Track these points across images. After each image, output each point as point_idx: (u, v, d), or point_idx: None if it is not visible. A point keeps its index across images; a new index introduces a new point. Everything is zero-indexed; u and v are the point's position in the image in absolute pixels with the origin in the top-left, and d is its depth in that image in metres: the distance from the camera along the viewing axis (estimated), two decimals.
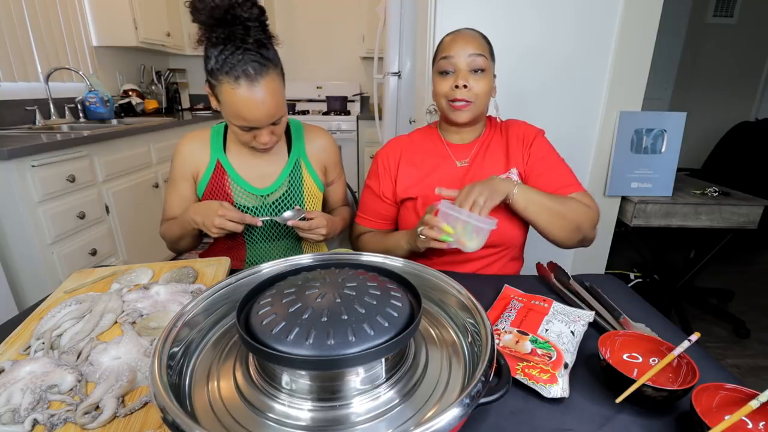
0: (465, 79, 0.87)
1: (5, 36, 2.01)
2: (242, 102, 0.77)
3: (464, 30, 0.91)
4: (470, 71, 0.88)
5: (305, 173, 1.01)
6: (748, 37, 3.09)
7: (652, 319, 0.70)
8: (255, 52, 0.76)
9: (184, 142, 0.98)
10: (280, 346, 0.40)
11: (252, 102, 0.77)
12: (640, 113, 1.45)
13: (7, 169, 1.46)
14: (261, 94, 0.77)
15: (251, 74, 0.76)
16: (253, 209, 0.98)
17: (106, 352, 0.55)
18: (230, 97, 0.77)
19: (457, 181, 0.97)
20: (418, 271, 0.60)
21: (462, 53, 0.87)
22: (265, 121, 0.81)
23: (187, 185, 0.99)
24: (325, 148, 1.05)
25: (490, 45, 0.91)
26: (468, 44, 0.87)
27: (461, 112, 0.90)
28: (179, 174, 0.98)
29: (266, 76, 0.78)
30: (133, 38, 2.64)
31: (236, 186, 0.97)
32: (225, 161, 0.97)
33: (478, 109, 0.90)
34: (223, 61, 0.75)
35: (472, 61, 0.87)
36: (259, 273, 0.59)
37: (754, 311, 2.16)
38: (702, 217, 1.52)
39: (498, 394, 0.42)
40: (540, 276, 0.86)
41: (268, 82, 0.78)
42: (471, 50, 0.87)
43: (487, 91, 0.89)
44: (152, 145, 2.30)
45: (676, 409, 0.50)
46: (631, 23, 1.34)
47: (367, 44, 3.34)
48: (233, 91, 0.76)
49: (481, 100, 0.89)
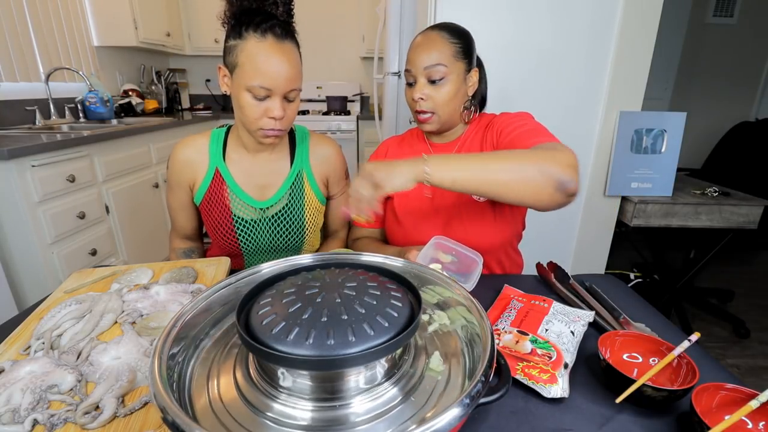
0: (421, 92, 0.86)
1: (6, 36, 2.01)
2: (267, 55, 0.77)
3: (427, 34, 0.87)
4: (428, 82, 0.86)
5: (306, 186, 0.98)
6: (748, 37, 3.09)
7: (652, 319, 0.70)
8: (283, 21, 0.81)
9: (179, 148, 0.95)
10: (280, 346, 0.40)
11: (276, 57, 0.78)
12: (640, 113, 1.45)
13: (7, 169, 1.46)
14: (285, 53, 0.79)
15: (278, 33, 0.79)
16: (251, 222, 0.95)
17: (106, 352, 0.55)
18: (255, 51, 0.77)
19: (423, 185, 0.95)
20: (418, 271, 0.60)
21: (419, 65, 0.85)
22: (284, 85, 0.80)
23: (184, 193, 0.97)
24: (329, 159, 1.01)
25: (461, 42, 0.86)
26: (424, 54, 0.85)
27: (426, 123, 0.90)
28: (175, 182, 0.96)
29: (291, 42, 0.81)
30: (133, 38, 2.64)
31: (235, 197, 0.94)
32: (224, 170, 0.94)
33: (442, 117, 0.89)
34: (252, 21, 0.78)
35: (428, 73, 0.85)
36: (259, 273, 0.59)
37: (754, 311, 2.16)
38: (702, 217, 1.52)
39: (498, 394, 0.42)
40: (540, 276, 0.86)
41: (291, 48, 0.81)
42: (426, 62, 0.84)
43: (448, 99, 0.86)
44: (152, 145, 2.30)
45: (676, 409, 0.50)
46: (631, 23, 1.34)
47: (367, 44, 3.35)
48: (259, 44, 0.77)
49: (443, 108, 0.87)
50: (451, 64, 0.85)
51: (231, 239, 0.96)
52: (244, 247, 0.98)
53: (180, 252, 1.03)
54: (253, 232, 0.96)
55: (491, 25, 1.36)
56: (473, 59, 0.90)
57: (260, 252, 0.99)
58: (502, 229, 0.93)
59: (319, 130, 3.07)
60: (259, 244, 0.98)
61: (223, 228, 0.95)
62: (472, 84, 0.90)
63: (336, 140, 1.06)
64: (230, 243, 0.97)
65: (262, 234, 0.96)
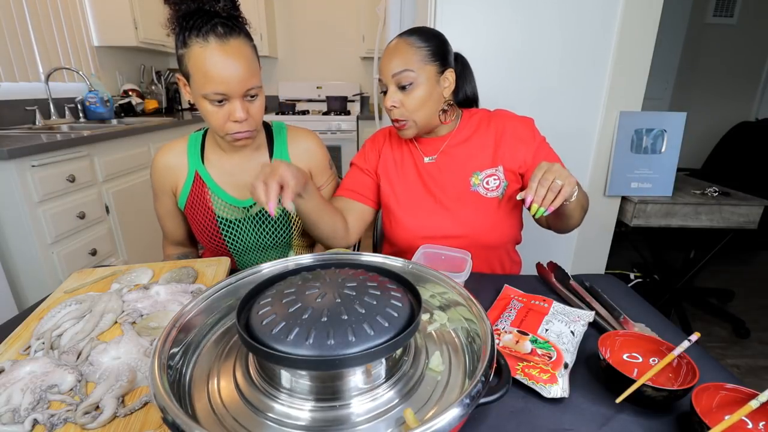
0: (392, 99, 0.86)
1: (6, 36, 2.01)
2: (212, 60, 0.74)
3: (395, 41, 0.87)
4: (398, 88, 0.85)
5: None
6: (748, 37, 3.09)
7: (652, 319, 0.70)
8: (225, 19, 0.76)
9: (158, 157, 0.94)
10: (280, 346, 0.40)
11: (222, 60, 0.74)
12: (640, 113, 1.45)
13: (7, 169, 1.46)
14: (231, 53, 0.75)
15: (221, 33, 0.74)
16: (236, 222, 0.95)
17: (106, 352, 0.55)
18: (200, 58, 0.74)
19: (420, 177, 0.96)
20: (418, 271, 0.60)
21: (387, 73, 0.85)
22: (237, 87, 0.76)
23: (169, 200, 0.97)
24: (310, 150, 0.99)
25: (429, 45, 0.85)
26: (390, 62, 0.85)
27: (403, 130, 0.90)
28: (159, 189, 0.96)
29: (237, 38, 0.76)
30: (133, 38, 2.64)
31: (217, 199, 0.93)
32: (204, 172, 0.93)
33: (419, 123, 0.88)
34: (193, 25, 0.74)
35: (397, 79, 0.84)
36: (259, 273, 0.59)
37: (754, 311, 2.16)
38: (702, 217, 1.52)
39: (498, 394, 0.42)
40: (540, 276, 0.86)
41: (239, 44, 0.76)
42: (394, 69, 0.84)
43: (420, 104, 0.86)
44: (152, 145, 2.30)
45: (676, 409, 0.50)
46: (631, 23, 1.34)
47: (367, 44, 3.34)
48: (202, 50, 0.74)
49: (417, 114, 0.86)
50: (420, 69, 0.84)
51: (217, 241, 0.96)
52: (231, 248, 0.97)
53: (173, 258, 1.03)
54: (239, 232, 0.96)
55: (491, 26, 1.36)
56: (447, 60, 0.88)
57: (249, 251, 0.99)
58: (511, 225, 0.95)
59: (319, 130, 3.07)
60: (246, 243, 0.97)
61: (208, 230, 0.95)
62: (447, 85, 0.89)
63: (336, 140, 1.06)
64: (217, 244, 0.97)
65: (247, 233, 0.96)
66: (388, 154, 1.00)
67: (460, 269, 0.77)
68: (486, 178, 0.93)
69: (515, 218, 0.97)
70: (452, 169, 0.94)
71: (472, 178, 0.93)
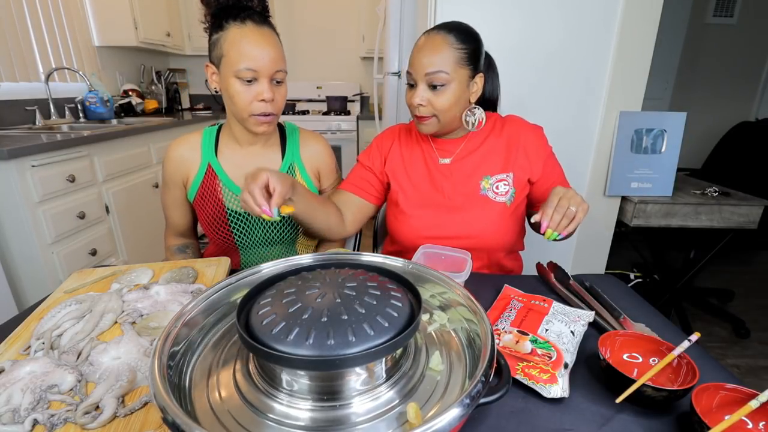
0: (420, 97, 0.84)
1: (6, 36, 2.01)
2: (249, 39, 0.80)
3: (431, 36, 0.84)
4: (429, 87, 0.84)
5: (299, 178, 0.99)
6: (748, 37, 3.09)
7: (652, 319, 0.70)
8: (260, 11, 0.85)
9: (173, 147, 0.96)
10: (280, 346, 0.40)
11: (258, 40, 0.81)
12: (640, 113, 1.45)
13: (7, 169, 1.46)
14: (266, 36, 0.83)
15: (257, 20, 0.83)
16: (245, 215, 0.96)
17: (106, 352, 0.55)
18: (237, 36, 0.80)
19: (430, 177, 0.96)
20: (418, 271, 0.60)
21: (420, 70, 0.83)
22: (269, 65, 0.82)
23: (179, 190, 0.99)
24: (320, 153, 1.02)
25: (467, 47, 0.83)
26: (426, 59, 0.82)
27: (423, 125, 0.89)
28: (170, 179, 0.98)
29: (269, 28, 0.85)
30: (134, 38, 2.64)
31: (227, 191, 0.95)
32: (216, 165, 0.95)
33: (442, 121, 0.87)
34: (230, 13, 0.82)
35: (430, 79, 0.83)
36: (259, 273, 0.59)
37: (754, 311, 2.16)
38: (702, 217, 1.52)
39: (498, 394, 0.42)
40: (540, 276, 0.86)
41: (271, 33, 0.85)
42: (428, 68, 0.82)
43: (449, 105, 0.84)
44: (152, 145, 2.30)
45: (676, 409, 0.50)
46: (631, 23, 1.34)
47: (367, 44, 3.34)
48: (239, 30, 0.81)
49: (444, 114, 0.86)
50: (454, 71, 0.82)
51: (226, 233, 0.97)
52: (239, 241, 0.99)
53: (174, 248, 1.04)
54: (247, 225, 0.97)
55: (491, 26, 1.36)
56: (479, 64, 0.87)
57: (255, 246, 1.00)
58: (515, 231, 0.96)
59: (319, 130, 3.07)
60: (254, 237, 0.99)
61: (217, 222, 0.96)
62: (475, 90, 0.88)
63: (336, 140, 1.07)
64: (225, 237, 0.98)
65: (255, 227, 0.97)
66: (397, 152, 1.00)
67: (460, 269, 0.77)
68: (496, 183, 0.93)
69: (519, 225, 0.97)
70: (465, 172, 0.94)
71: (483, 181, 0.93)
